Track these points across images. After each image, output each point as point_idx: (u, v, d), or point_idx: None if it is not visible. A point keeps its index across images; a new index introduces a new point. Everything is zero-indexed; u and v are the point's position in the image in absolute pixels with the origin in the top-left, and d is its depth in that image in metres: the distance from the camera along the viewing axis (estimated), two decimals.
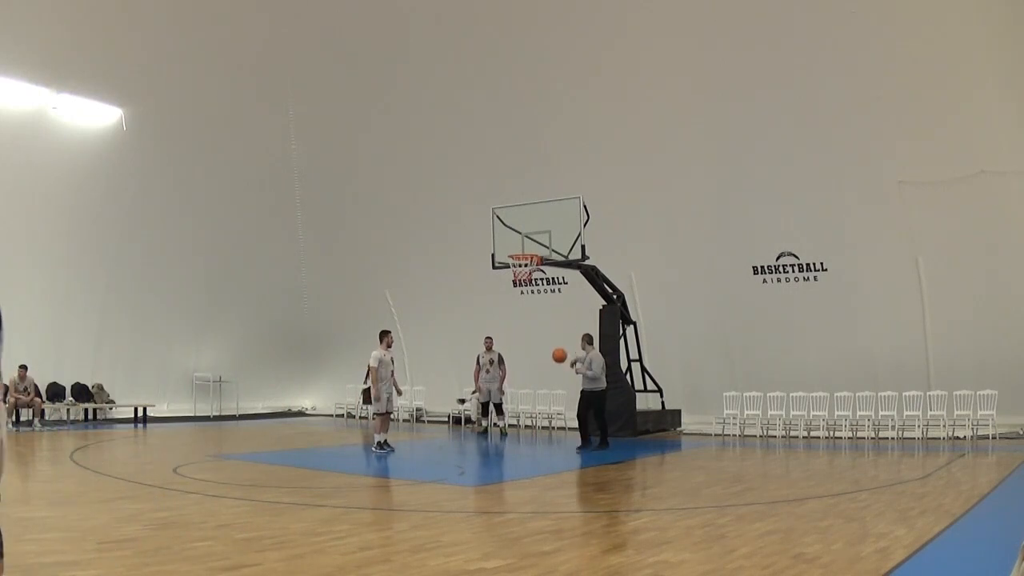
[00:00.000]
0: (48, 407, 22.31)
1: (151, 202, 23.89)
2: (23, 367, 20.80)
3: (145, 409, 23.99)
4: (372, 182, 25.77)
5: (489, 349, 20.43)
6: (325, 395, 28.85)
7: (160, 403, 24.85)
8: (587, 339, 17.27)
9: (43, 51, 21.17)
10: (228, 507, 9.70)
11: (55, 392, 22.97)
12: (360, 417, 25.87)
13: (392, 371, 16.25)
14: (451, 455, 17.29)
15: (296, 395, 29.46)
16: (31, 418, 21.09)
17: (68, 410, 23.03)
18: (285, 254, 27.25)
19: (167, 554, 7.11)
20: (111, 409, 24.09)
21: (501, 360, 20.36)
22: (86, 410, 23.54)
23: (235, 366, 26.57)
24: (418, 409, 25.47)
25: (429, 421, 24.94)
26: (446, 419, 24.39)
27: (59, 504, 9.75)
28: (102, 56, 22.03)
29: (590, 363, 16.84)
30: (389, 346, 16.26)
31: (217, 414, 25.99)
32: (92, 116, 22.87)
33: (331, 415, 27.62)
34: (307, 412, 29.31)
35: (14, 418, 20.75)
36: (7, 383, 20.87)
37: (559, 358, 17.27)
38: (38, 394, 21.52)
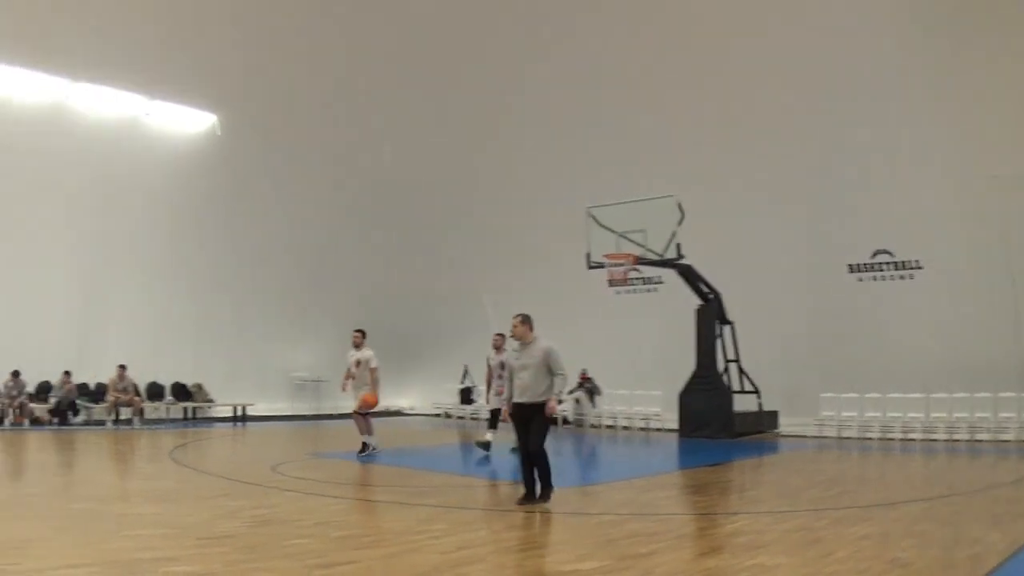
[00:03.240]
0: (148, 406, 22.70)
1: (247, 204, 24.30)
2: (121, 367, 21.19)
3: (244, 408, 24.32)
4: (469, 190, 25.97)
5: (357, 347, 15.33)
6: (423, 395, 28.88)
7: (259, 402, 25.09)
8: (524, 320, 9.99)
9: (136, 59, 21.69)
10: (325, 505, 9.69)
11: (155, 391, 23.41)
12: (458, 417, 25.88)
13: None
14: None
15: (394, 395, 29.48)
16: (131, 417, 21.47)
17: (167, 408, 23.44)
18: (382, 255, 27.36)
19: (264, 551, 7.06)
20: (210, 408, 24.45)
21: (369, 361, 15.30)
22: (185, 409, 23.94)
23: (333, 366, 26.68)
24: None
25: None
26: None
27: (158, 501, 9.78)
28: (195, 63, 22.46)
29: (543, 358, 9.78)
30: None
31: (315, 413, 26.19)
32: (186, 122, 23.37)
33: (429, 415, 27.67)
34: (405, 412, 29.37)
35: (114, 416, 21.13)
36: (106, 382, 21.38)
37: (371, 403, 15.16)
38: (137, 393, 21.90)
